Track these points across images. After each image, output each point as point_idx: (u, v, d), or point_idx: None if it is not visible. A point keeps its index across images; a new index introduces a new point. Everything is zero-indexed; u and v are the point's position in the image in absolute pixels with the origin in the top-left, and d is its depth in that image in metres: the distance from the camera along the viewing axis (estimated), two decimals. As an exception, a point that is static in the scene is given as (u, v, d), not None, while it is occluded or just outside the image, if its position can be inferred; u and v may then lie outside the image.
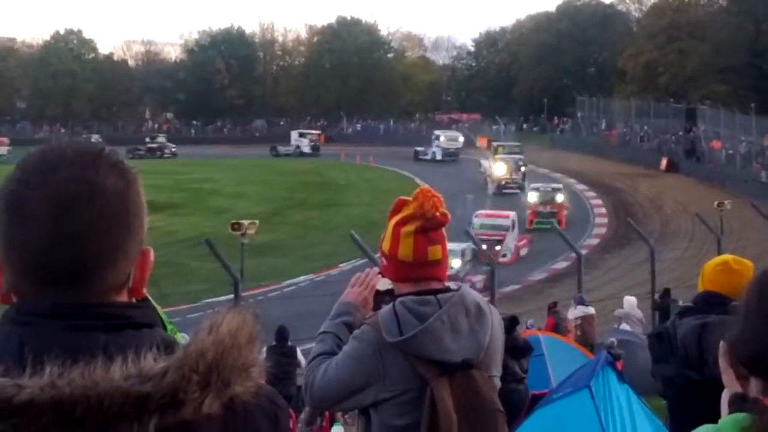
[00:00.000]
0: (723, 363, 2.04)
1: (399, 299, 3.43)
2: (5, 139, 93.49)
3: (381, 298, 3.73)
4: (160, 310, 3.00)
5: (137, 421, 1.38)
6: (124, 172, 1.61)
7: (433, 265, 3.50)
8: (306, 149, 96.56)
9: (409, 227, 3.48)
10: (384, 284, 3.76)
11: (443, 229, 3.55)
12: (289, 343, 16.69)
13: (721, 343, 2.04)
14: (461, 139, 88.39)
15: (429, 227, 3.48)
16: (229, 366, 1.48)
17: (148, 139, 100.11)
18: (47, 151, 1.60)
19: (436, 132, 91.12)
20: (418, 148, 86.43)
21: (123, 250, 1.58)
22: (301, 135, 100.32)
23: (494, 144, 75.59)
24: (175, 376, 1.41)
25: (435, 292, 3.45)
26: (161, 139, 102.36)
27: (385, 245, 3.56)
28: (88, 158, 1.58)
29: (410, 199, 3.54)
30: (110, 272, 1.57)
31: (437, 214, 3.48)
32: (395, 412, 3.35)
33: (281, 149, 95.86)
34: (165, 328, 2.95)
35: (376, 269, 3.86)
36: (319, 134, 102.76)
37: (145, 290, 1.66)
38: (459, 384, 3.32)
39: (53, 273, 1.54)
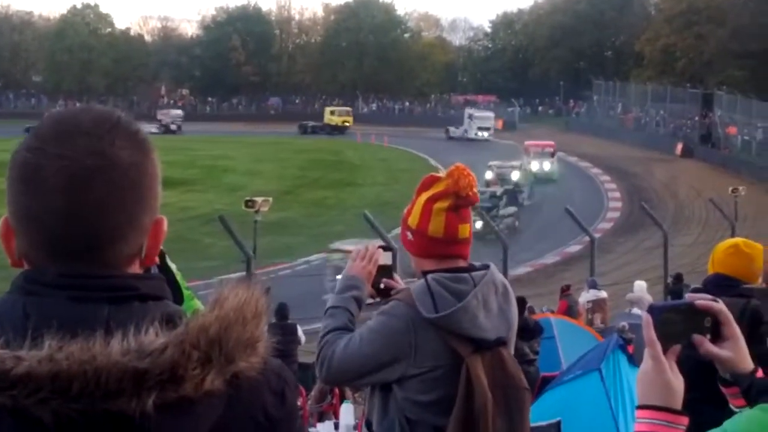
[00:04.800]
0: (649, 335, 2.00)
1: (431, 275, 3.43)
2: None
3: (380, 273, 3.74)
4: (179, 275, 3.00)
5: (136, 396, 1.36)
6: (140, 142, 1.58)
7: (461, 243, 3.51)
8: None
9: (442, 204, 3.48)
10: (384, 259, 3.77)
11: (470, 209, 3.56)
12: (290, 321, 16.71)
13: (643, 314, 2.01)
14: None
15: (461, 205, 3.49)
16: (233, 341, 1.46)
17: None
18: (62, 118, 1.56)
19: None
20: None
21: (138, 221, 1.56)
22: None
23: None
24: (174, 352, 1.39)
25: (464, 269, 3.47)
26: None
27: (413, 220, 3.54)
28: (105, 128, 1.54)
29: (442, 175, 3.54)
30: (125, 244, 1.55)
31: (470, 192, 3.49)
32: (422, 387, 3.36)
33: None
34: (181, 293, 2.96)
35: (377, 243, 3.86)
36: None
37: (157, 259, 1.64)
38: (489, 362, 3.35)
39: (67, 245, 1.51)
